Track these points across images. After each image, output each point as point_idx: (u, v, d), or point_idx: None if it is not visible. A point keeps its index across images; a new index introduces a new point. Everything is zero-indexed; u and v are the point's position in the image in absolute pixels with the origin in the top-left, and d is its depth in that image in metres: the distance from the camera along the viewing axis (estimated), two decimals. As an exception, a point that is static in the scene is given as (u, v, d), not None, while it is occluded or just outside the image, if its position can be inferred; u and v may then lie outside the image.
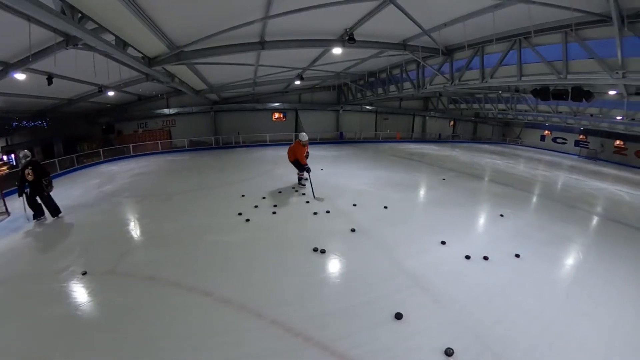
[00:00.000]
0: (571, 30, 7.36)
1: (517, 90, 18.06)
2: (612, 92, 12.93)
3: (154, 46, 8.61)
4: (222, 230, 5.79)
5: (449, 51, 11.23)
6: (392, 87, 16.59)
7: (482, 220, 7.12)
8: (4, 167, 6.19)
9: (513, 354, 2.94)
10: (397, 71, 15.52)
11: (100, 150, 15.52)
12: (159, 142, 18.33)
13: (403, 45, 10.74)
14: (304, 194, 8.10)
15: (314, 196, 7.73)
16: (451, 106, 26.53)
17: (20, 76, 9.22)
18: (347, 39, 8.64)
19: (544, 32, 8.10)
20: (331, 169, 8.44)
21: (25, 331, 3.16)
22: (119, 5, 5.77)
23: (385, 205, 7.24)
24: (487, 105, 23.60)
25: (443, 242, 5.34)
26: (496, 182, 11.46)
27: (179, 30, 8.03)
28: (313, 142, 20.78)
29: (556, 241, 5.96)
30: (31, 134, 16.76)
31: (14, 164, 13.03)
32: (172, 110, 20.03)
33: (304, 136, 8.36)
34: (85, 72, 10.42)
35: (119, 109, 19.17)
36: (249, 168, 12.41)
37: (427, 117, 29.33)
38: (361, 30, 8.83)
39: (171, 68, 11.38)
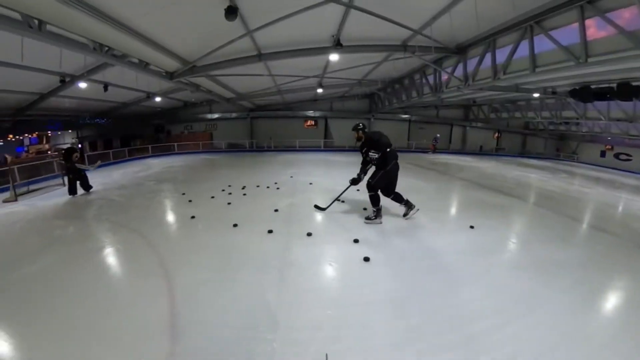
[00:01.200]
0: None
1: (554, 93, 16.63)
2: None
3: (169, 64, 10.56)
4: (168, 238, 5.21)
5: (460, 49, 10.81)
6: (414, 93, 16.47)
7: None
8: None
9: (470, 328, 2.93)
10: (417, 76, 15.60)
11: (149, 146, 18.20)
12: (200, 142, 20.70)
13: (404, 47, 10.46)
14: (268, 187, 8.69)
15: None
16: (492, 115, 25.12)
17: (83, 85, 12.03)
18: (335, 44, 9.22)
19: (557, 12, 7.17)
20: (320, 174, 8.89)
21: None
22: (128, 37, 7.67)
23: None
24: (530, 114, 22.10)
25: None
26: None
27: (185, 50, 9.81)
28: (341, 149, 21.51)
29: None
30: (96, 130, 20.34)
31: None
32: (214, 115, 22.39)
33: None
34: (132, 81, 13.07)
35: (169, 112, 22.04)
36: (269, 170, 12.56)
37: (467, 128, 27.38)
38: (355, 35, 9.30)
39: (193, 79, 13.22)
